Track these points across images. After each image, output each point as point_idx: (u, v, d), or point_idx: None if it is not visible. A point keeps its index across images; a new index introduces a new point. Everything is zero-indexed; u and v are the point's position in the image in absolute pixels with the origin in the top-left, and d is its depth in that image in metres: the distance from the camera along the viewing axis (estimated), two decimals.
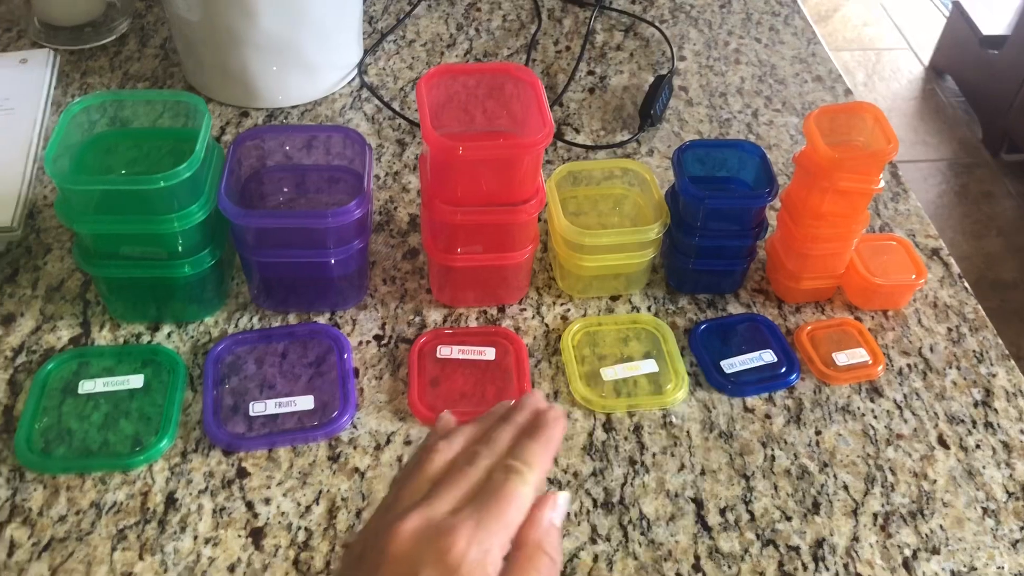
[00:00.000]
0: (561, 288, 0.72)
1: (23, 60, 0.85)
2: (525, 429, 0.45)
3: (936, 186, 2.35)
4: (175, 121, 0.66)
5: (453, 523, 0.39)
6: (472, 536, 0.39)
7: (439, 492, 0.41)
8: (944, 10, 2.85)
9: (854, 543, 0.58)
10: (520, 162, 0.62)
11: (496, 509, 0.40)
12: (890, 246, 0.74)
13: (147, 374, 0.63)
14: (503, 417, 0.46)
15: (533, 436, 0.44)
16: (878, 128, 0.66)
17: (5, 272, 0.69)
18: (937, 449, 0.63)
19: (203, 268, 0.63)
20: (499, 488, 0.41)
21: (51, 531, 0.55)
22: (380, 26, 0.97)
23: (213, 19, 0.79)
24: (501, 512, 0.40)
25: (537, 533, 0.41)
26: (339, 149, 0.70)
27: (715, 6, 1.03)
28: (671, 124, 0.87)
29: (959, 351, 0.69)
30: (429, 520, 0.40)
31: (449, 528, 0.39)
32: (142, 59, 0.90)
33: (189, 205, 0.60)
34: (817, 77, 0.94)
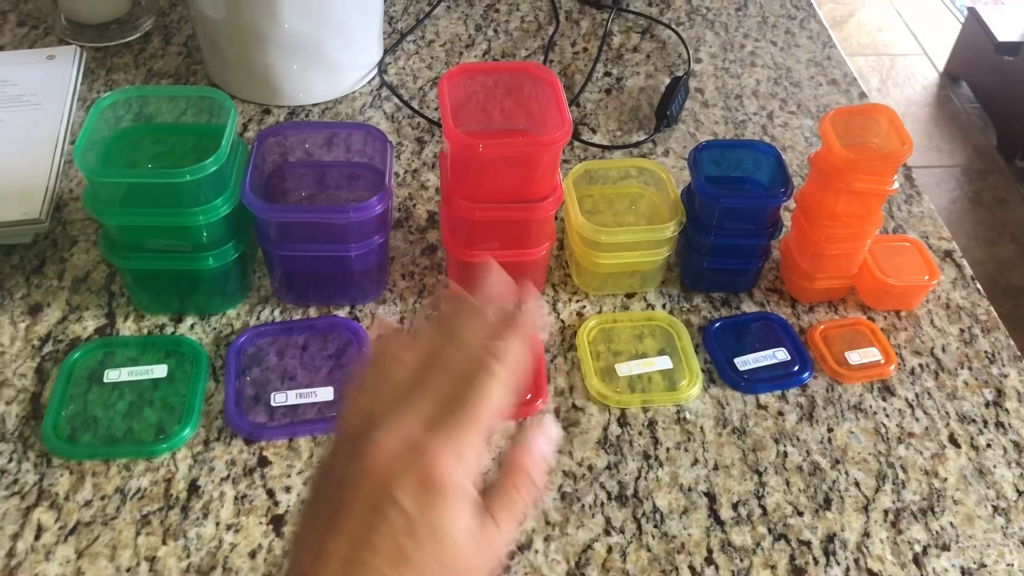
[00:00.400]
0: (577, 285, 0.73)
1: (50, 56, 0.87)
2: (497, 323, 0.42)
3: (950, 192, 2.35)
4: (198, 117, 0.68)
5: (429, 441, 0.38)
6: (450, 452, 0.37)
7: (411, 403, 0.39)
8: (959, 16, 2.85)
9: (865, 538, 0.58)
10: (539, 160, 0.63)
11: (473, 418, 0.39)
12: (903, 247, 0.74)
13: (171, 364, 0.64)
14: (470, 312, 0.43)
15: (506, 328, 0.41)
16: (893, 130, 0.66)
17: (33, 263, 0.71)
18: (948, 448, 0.64)
19: (226, 261, 0.64)
20: (473, 394, 0.39)
21: (77, 515, 0.57)
22: (400, 26, 0.98)
23: (237, 17, 0.80)
24: (477, 420, 0.39)
25: (528, 460, 0.40)
26: (360, 146, 0.71)
27: (731, 9, 1.04)
28: (687, 125, 0.88)
29: (971, 352, 0.70)
30: (406, 439, 0.38)
31: (426, 446, 0.37)
32: (166, 56, 0.92)
33: (214, 199, 0.61)
34: (832, 80, 0.95)
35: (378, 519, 0.37)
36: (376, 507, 0.37)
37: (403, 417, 0.39)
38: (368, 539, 0.37)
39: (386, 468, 0.38)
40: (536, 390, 0.65)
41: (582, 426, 0.63)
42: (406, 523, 0.37)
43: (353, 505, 0.38)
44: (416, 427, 0.39)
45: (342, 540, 0.37)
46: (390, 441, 0.38)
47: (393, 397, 0.40)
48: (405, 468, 0.37)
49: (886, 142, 0.67)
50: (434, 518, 0.37)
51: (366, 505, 0.37)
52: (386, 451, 0.38)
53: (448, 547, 0.38)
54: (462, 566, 0.39)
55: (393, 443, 0.38)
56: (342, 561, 0.37)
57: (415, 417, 0.39)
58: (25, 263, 0.71)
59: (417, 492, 0.37)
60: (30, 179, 0.73)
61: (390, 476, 0.37)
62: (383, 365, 0.42)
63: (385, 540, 0.37)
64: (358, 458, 0.38)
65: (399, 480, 0.37)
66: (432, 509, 0.37)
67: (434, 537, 0.38)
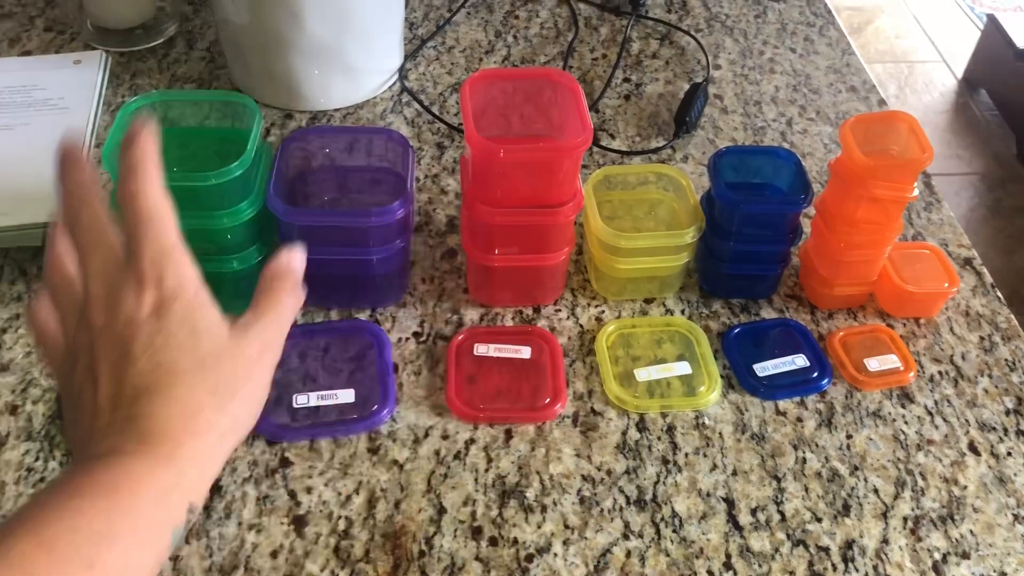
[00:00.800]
0: (596, 290, 0.73)
1: (76, 61, 0.88)
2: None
3: (969, 200, 2.34)
4: (222, 122, 0.68)
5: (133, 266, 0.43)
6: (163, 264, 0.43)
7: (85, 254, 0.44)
8: (978, 23, 2.84)
9: (884, 545, 0.58)
10: (559, 165, 0.64)
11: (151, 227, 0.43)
12: (923, 254, 0.74)
13: None
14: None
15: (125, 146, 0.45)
16: (913, 137, 0.67)
17: None
18: (968, 455, 0.64)
19: (251, 264, 0.65)
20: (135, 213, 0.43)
21: None
22: (420, 32, 0.99)
23: (260, 23, 0.81)
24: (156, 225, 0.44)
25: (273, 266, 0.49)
26: (381, 151, 0.71)
27: (750, 16, 1.05)
28: (706, 131, 0.88)
29: (991, 359, 0.70)
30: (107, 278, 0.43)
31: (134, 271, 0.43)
32: (189, 61, 0.93)
33: (239, 202, 0.62)
34: (851, 87, 0.95)
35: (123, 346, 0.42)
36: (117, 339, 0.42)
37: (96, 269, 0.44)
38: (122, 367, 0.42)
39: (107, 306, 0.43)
40: (555, 394, 0.65)
41: (601, 430, 0.64)
42: (148, 333, 0.42)
43: (99, 356, 0.42)
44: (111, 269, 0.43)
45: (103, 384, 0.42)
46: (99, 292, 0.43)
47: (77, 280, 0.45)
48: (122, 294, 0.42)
49: (906, 149, 0.67)
50: (171, 317, 0.42)
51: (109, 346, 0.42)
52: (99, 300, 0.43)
53: (197, 338, 0.43)
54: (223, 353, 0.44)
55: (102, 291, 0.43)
56: (111, 397, 0.42)
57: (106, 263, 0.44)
58: None
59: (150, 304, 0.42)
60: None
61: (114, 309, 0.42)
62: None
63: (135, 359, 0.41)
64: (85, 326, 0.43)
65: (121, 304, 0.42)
66: (165, 310, 0.42)
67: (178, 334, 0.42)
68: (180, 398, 0.42)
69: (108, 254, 0.44)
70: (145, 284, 0.42)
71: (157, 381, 0.42)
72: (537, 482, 0.60)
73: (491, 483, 0.60)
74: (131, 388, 0.41)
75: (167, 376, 0.42)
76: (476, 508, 0.59)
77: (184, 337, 0.42)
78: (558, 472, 0.61)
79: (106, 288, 0.43)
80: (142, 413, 0.41)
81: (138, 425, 0.41)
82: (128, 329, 0.42)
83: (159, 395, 0.41)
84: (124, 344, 0.42)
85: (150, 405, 0.41)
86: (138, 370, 0.42)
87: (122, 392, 0.42)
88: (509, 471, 0.61)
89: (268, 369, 0.46)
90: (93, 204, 0.45)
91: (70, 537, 0.37)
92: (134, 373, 0.42)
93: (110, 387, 0.42)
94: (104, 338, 0.43)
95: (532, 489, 0.60)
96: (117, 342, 0.42)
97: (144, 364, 0.42)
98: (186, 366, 0.42)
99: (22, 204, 0.71)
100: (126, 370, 0.42)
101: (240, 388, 0.44)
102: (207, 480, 0.43)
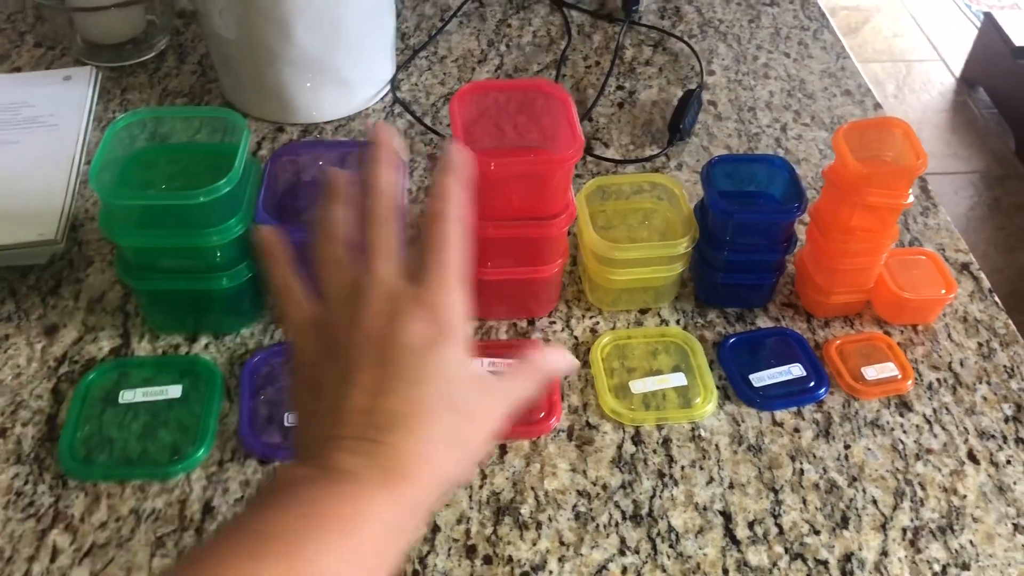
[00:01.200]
0: (590, 301, 0.72)
1: (67, 77, 0.87)
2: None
3: (968, 198, 2.33)
4: (212, 137, 0.68)
5: (423, 291, 0.42)
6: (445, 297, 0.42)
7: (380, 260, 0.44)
8: (975, 21, 2.83)
9: (883, 558, 0.58)
10: (551, 177, 0.63)
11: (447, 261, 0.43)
12: (919, 260, 0.74)
13: (185, 384, 0.64)
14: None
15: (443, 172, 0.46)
16: (907, 143, 0.66)
17: (49, 284, 0.71)
18: (967, 464, 0.63)
19: (241, 281, 0.65)
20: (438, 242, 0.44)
21: (92, 537, 0.57)
22: (412, 42, 0.98)
23: (250, 36, 0.81)
24: (452, 263, 0.43)
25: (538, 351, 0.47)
26: None
27: (744, 21, 1.04)
28: (700, 138, 0.88)
29: (989, 366, 0.69)
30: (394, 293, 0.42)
31: (422, 295, 0.42)
32: (180, 75, 0.92)
33: (228, 219, 0.62)
34: (846, 91, 0.95)
35: (390, 367, 0.41)
36: (385, 357, 0.41)
37: (382, 276, 0.43)
38: (383, 386, 0.40)
39: (386, 320, 0.41)
40: (550, 407, 0.64)
41: (596, 444, 0.63)
42: (418, 363, 0.41)
43: (361, 362, 0.41)
44: (399, 282, 0.43)
45: (357, 393, 0.40)
46: (380, 299, 0.42)
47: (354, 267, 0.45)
48: (406, 316, 0.41)
49: (900, 155, 0.67)
50: (441, 356, 0.41)
51: (374, 358, 0.41)
52: (379, 308, 0.42)
53: (455, 385, 0.42)
54: (469, 406, 0.42)
55: (384, 300, 0.42)
56: (362, 411, 0.40)
57: (391, 273, 0.43)
58: (41, 284, 0.71)
59: (425, 335, 0.41)
60: (47, 200, 0.74)
61: (393, 326, 0.41)
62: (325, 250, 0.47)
63: (397, 382, 0.40)
64: (355, 323, 0.42)
65: (403, 327, 0.41)
66: (439, 348, 0.41)
67: (442, 374, 0.41)
68: (429, 441, 0.41)
69: (394, 261, 0.44)
70: (428, 312, 0.42)
71: (413, 416, 0.40)
72: (532, 498, 0.60)
73: (485, 500, 0.60)
74: (387, 413, 0.40)
75: (423, 414, 0.41)
76: (470, 526, 0.58)
77: (448, 379, 0.41)
78: (553, 488, 0.60)
79: (387, 297, 0.43)
80: (391, 444, 0.40)
81: (385, 456, 0.40)
82: (400, 352, 0.41)
83: (411, 432, 0.40)
84: (392, 366, 0.41)
85: (401, 439, 0.40)
86: (399, 398, 0.40)
87: (376, 412, 0.40)
88: (504, 487, 0.60)
89: (496, 430, 0.44)
90: (393, 201, 0.46)
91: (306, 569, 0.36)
92: (394, 399, 0.40)
93: (364, 400, 0.41)
94: (371, 347, 0.41)
95: (527, 505, 0.59)
96: (385, 360, 0.41)
97: (406, 394, 0.41)
98: (441, 409, 0.41)
99: (12, 224, 0.71)
100: (386, 393, 0.41)
101: (473, 444, 0.43)
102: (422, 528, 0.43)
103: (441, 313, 0.42)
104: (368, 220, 0.46)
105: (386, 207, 0.46)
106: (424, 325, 0.41)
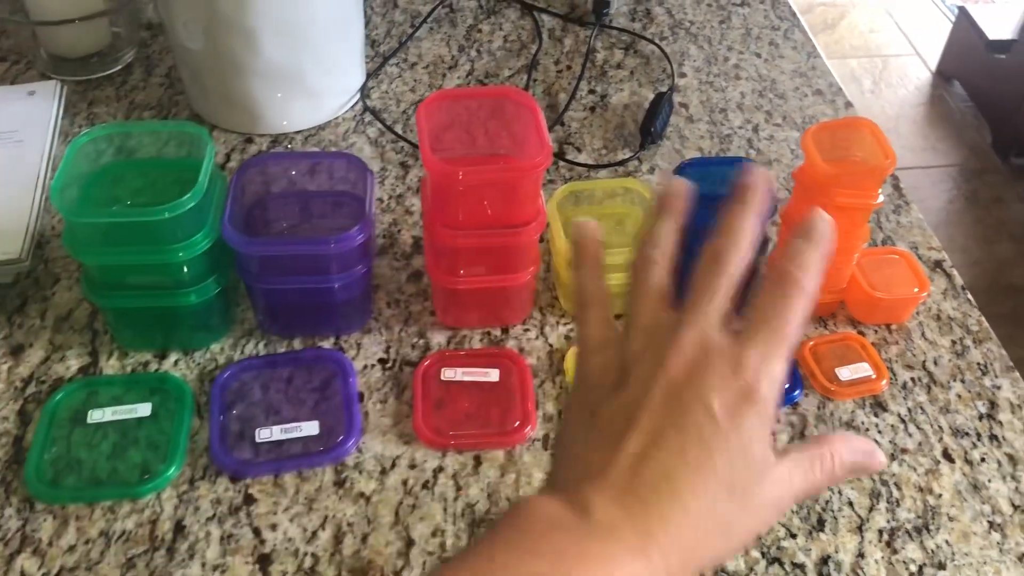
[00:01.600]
0: (564, 308, 0.72)
1: (31, 92, 0.86)
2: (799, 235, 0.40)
3: (946, 192, 2.34)
4: (179, 150, 0.67)
5: (749, 355, 0.37)
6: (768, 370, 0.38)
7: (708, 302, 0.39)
8: (950, 15, 2.85)
9: (860, 559, 0.58)
10: (519, 185, 0.63)
11: (785, 335, 0.38)
12: (892, 259, 0.74)
13: (155, 402, 0.64)
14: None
15: (805, 237, 0.40)
16: (876, 143, 0.66)
17: (14, 303, 0.70)
18: (942, 463, 0.63)
19: (209, 296, 0.64)
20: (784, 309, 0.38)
21: (60, 561, 0.56)
22: (382, 49, 0.97)
23: (216, 48, 0.80)
24: (788, 338, 0.38)
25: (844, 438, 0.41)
26: (342, 174, 0.70)
27: (714, 22, 1.04)
28: (672, 141, 0.88)
29: (963, 363, 0.69)
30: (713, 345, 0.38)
31: (745, 360, 0.37)
32: (147, 88, 0.91)
33: (193, 235, 0.61)
34: (817, 91, 0.95)
35: (683, 419, 0.37)
36: (680, 409, 0.37)
37: (704, 320, 0.39)
38: (666, 440, 0.37)
39: (695, 371, 0.37)
40: (525, 416, 0.64)
41: None
42: (712, 429, 0.36)
43: (652, 406, 0.37)
44: (720, 334, 0.38)
45: (637, 437, 0.37)
46: (694, 345, 0.38)
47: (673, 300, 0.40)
48: (717, 374, 0.37)
49: (870, 155, 0.67)
50: (740, 429, 0.37)
51: (668, 407, 0.37)
52: (691, 354, 0.38)
53: (743, 464, 0.37)
54: (749, 492, 0.37)
55: (698, 348, 0.38)
56: (636, 459, 0.36)
57: (714, 320, 0.39)
58: (7, 303, 0.70)
59: (732, 402, 0.37)
60: (11, 218, 0.73)
61: (699, 380, 0.37)
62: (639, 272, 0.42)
63: (684, 440, 0.36)
64: (659, 362, 0.38)
65: (710, 384, 0.37)
66: (741, 420, 0.37)
67: (733, 450, 0.37)
68: (698, 522, 0.36)
69: (722, 310, 0.40)
70: (742, 376, 0.37)
71: (688, 488, 0.36)
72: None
73: (460, 512, 0.59)
74: (662, 473, 0.36)
75: (700, 490, 0.36)
76: (445, 539, 0.58)
77: (739, 457, 0.37)
78: None
79: (702, 345, 0.38)
80: (657, 509, 0.36)
81: (646, 519, 0.36)
82: (697, 410, 0.37)
83: (682, 505, 0.36)
84: (683, 421, 0.37)
85: (668, 508, 0.36)
86: (680, 461, 0.36)
87: (650, 466, 0.36)
88: (479, 499, 0.60)
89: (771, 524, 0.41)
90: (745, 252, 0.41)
91: None
92: (674, 460, 0.36)
93: (642, 448, 0.37)
94: (669, 393, 0.38)
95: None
96: (677, 412, 0.37)
97: (688, 458, 0.36)
98: (721, 488, 0.36)
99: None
100: (668, 450, 0.37)
101: (740, 535, 0.38)
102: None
103: (756, 381, 0.37)
104: (709, 259, 0.41)
105: (735, 254, 0.41)
106: (733, 390, 0.37)
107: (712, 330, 0.39)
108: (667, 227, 0.44)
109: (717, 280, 0.40)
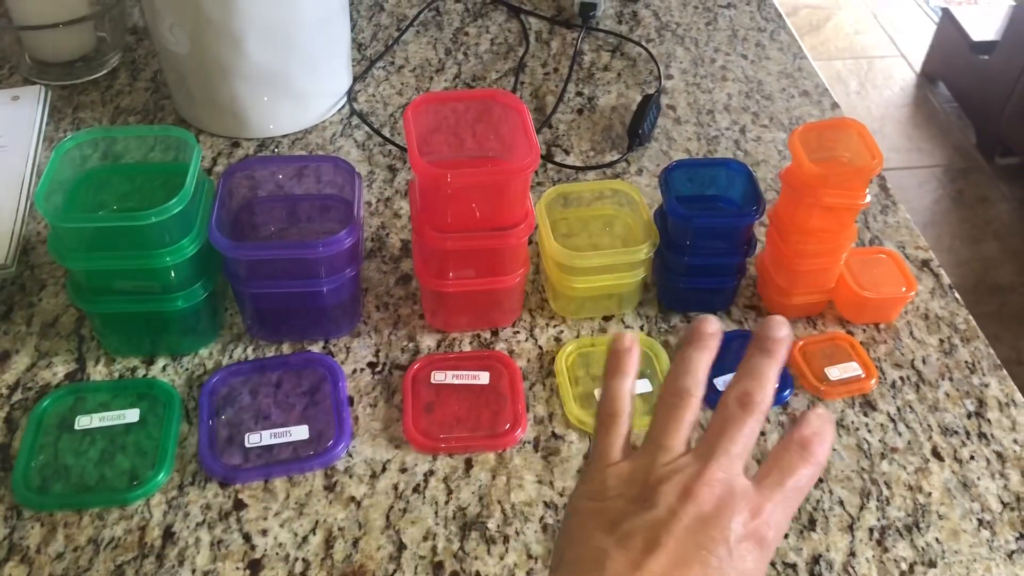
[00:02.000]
0: (554, 310, 0.72)
1: (15, 97, 0.86)
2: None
3: (932, 192, 2.35)
4: (166, 155, 0.67)
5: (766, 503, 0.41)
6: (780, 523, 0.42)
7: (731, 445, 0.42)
8: (934, 17, 2.87)
9: (851, 558, 0.58)
10: (508, 188, 0.63)
11: (796, 501, 0.42)
12: (880, 259, 0.74)
13: (143, 408, 0.63)
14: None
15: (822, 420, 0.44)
16: (863, 143, 0.66)
17: (0, 309, 0.70)
18: (931, 461, 0.63)
19: (196, 301, 0.64)
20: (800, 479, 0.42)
21: (49, 569, 0.55)
22: (369, 53, 0.97)
23: (201, 52, 0.80)
24: (797, 502, 0.43)
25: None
26: (330, 177, 0.70)
27: (701, 24, 1.04)
28: (659, 143, 0.88)
29: (951, 362, 0.70)
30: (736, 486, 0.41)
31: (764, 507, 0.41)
32: (133, 92, 0.91)
33: (180, 239, 0.61)
34: (804, 92, 0.95)
35: (707, 554, 0.40)
36: (707, 541, 0.40)
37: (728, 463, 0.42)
38: (688, 562, 0.40)
39: (724, 510, 0.41)
40: (515, 419, 0.64)
41: (562, 454, 0.63)
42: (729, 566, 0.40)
43: (678, 531, 0.40)
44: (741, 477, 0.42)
45: (662, 556, 0.40)
46: (719, 483, 0.41)
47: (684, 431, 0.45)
48: (743, 522, 0.41)
49: (856, 155, 0.67)
50: (743, 566, 0.40)
51: (696, 534, 0.40)
52: (715, 491, 0.41)
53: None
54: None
55: (722, 486, 0.41)
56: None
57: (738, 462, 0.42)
58: None
59: (746, 542, 0.40)
60: None
61: (729, 519, 0.41)
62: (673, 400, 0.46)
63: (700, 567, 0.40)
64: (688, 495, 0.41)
65: (736, 527, 0.41)
66: (745, 555, 0.40)
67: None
68: None
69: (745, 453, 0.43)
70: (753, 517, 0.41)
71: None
72: (499, 512, 0.59)
73: (451, 515, 0.59)
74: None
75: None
76: (436, 542, 0.58)
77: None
78: (520, 500, 0.60)
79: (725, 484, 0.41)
80: None
81: None
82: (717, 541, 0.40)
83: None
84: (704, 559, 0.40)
85: None
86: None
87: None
88: (470, 502, 0.60)
89: None
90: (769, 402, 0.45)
91: None
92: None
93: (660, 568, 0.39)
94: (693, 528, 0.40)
95: (494, 519, 0.59)
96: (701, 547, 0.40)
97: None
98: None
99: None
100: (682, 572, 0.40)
101: None
102: None
103: (768, 529, 0.41)
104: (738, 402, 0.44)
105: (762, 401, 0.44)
106: (750, 531, 0.41)
107: (738, 475, 0.42)
108: (704, 361, 0.47)
109: (745, 427, 0.43)
